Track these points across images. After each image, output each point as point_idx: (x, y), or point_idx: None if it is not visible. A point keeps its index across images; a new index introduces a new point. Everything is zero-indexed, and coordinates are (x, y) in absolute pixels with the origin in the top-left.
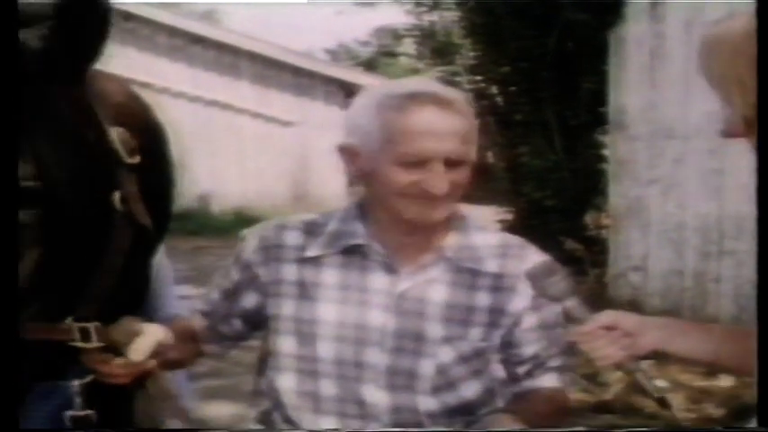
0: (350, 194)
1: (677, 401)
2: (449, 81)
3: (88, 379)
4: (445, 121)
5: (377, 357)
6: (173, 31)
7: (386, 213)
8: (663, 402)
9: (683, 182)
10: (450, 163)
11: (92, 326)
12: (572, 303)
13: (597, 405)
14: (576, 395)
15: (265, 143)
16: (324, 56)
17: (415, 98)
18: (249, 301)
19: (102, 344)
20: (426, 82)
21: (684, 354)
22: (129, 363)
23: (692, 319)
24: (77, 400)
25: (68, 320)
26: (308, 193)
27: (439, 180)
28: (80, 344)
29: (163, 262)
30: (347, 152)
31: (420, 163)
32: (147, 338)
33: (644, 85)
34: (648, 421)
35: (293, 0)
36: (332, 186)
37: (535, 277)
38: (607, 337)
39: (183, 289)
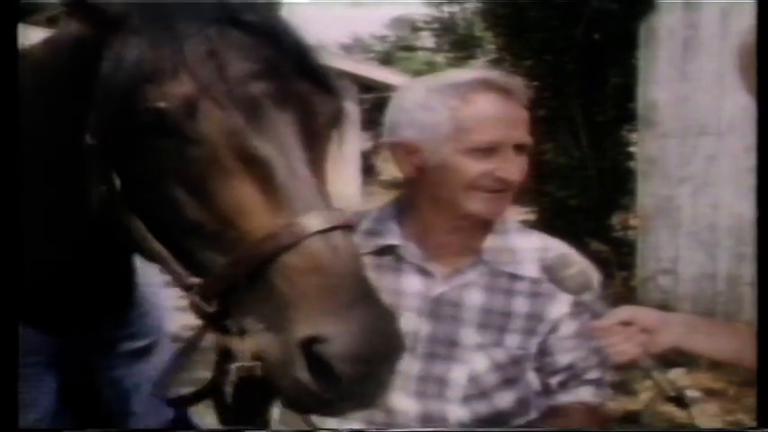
0: (366, 193)
1: (710, 410)
2: None
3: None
4: (510, 108)
5: (408, 363)
6: None
7: (429, 212)
8: (680, 402)
9: (716, 181)
10: (519, 149)
11: None
12: (589, 297)
13: (625, 415)
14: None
15: None
16: (338, 50)
17: (480, 86)
18: None
19: None
20: (485, 70)
21: (705, 352)
22: None
23: None
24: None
25: None
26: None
27: (512, 166)
28: None
29: None
30: (402, 149)
31: (491, 151)
32: None
33: (675, 79)
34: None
35: None
36: (345, 183)
37: (551, 270)
38: (624, 333)
39: None
